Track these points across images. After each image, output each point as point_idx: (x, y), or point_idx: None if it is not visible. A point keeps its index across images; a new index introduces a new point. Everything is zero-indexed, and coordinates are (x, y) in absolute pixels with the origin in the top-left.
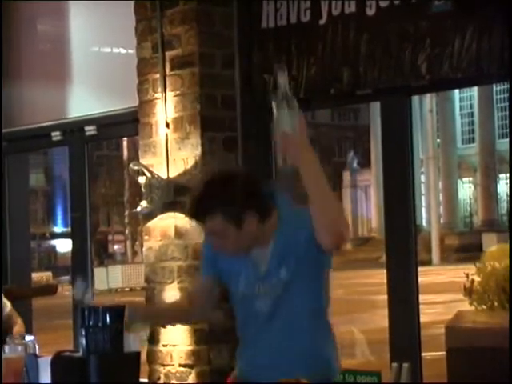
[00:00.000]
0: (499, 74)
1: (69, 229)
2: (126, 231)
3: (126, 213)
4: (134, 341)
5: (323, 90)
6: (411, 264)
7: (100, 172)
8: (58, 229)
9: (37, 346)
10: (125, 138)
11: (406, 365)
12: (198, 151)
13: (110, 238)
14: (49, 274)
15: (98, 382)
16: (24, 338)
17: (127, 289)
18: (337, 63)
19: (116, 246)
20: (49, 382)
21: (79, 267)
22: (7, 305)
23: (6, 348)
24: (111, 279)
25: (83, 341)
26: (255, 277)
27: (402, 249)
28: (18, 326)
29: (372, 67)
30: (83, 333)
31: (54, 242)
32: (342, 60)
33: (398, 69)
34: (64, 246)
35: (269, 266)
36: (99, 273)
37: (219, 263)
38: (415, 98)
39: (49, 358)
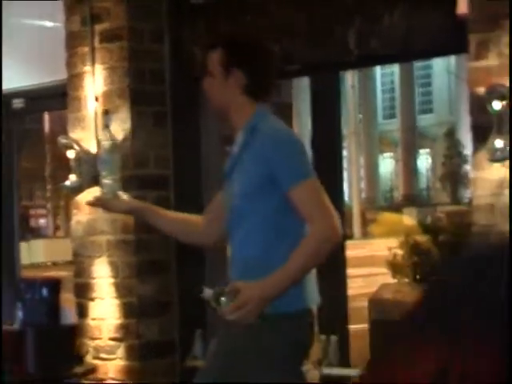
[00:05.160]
0: (426, 51)
1: None
2: (49, 205)
3: (48, 187)
4: (70, 314)
5: None
6: None
7: (22, 146)
8: None
9: None
10: (46, 112)
11: (334, 337)
12: (128, 125)
13: (32, 212)
14: None
15: (34, 353)
16: None
17: (49, 263)
18: (266, 39)
19: (38, 221)
20: None
21: (4, 242)
22: None
23: None
24: (33, 254)
25: (20, 313)
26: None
27: None
28: None
29: (301, 43)
30: (20, 306)
31: None
32: (272, 36)
33: (327, 44)
34: None
35: (231, 162)
36: (21, 247)
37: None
38: None
39: None
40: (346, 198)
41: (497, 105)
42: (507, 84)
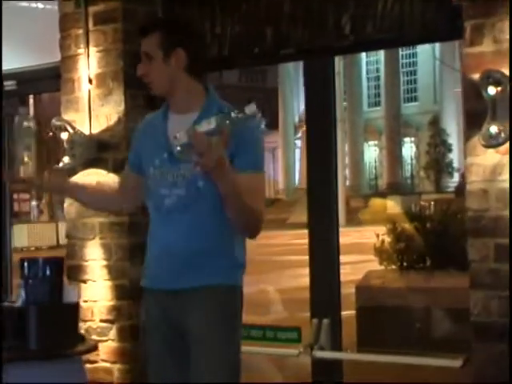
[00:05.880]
0: (421, 36)
1: None
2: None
3: None
4: (73, 292)
5: (247, 49)
6: (333, 224)
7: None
8: None
9: None
10: (31, 96)
11: (326, 320)
12: (121, 107)
13: (15, 197)
14: None
15: (36, 332)
16: None
17: (32, 248)
18: (260, 22)
19: (22, 205)
20: None
21: None
22: None
23: None
24: (17, 238)
25: (22, 292)
26: (167, 148)
27: (324, 209)
28: None
29: (295, 27)
30: (23, 284)
31: None
32: (266, 19)
33: (322, 29)
34: None
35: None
36: None
37: (140, 150)
38: None
39: None
40: None
41: (492, 90)
42: (502, 69)
